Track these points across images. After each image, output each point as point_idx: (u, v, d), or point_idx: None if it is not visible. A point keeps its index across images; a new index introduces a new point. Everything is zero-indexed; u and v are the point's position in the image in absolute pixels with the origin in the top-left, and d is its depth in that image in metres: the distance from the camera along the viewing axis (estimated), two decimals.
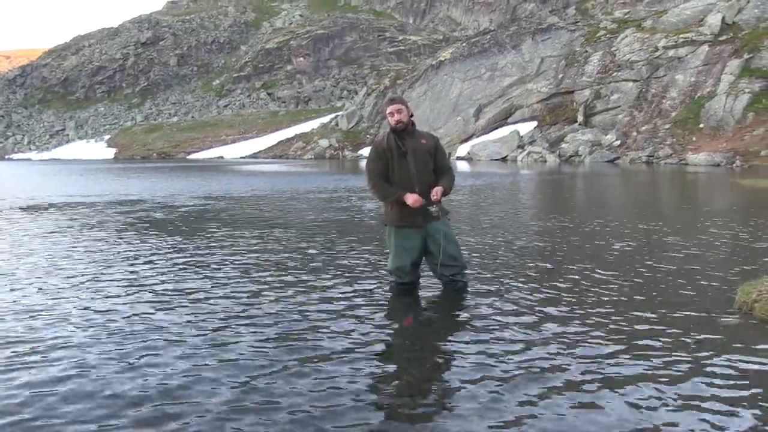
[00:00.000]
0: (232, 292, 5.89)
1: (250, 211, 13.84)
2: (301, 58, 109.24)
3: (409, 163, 5.40)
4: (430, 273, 5.89)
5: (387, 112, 5.50)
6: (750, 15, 44.91)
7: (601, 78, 49.08)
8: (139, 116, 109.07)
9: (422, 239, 5.51)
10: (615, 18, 57.36)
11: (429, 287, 5.89)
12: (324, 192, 18.85)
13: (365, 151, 60.90)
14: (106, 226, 11.25)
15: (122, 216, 12.93)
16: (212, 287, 6.09)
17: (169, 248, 8.56)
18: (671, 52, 45.54)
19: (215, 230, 10.40)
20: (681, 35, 46.35)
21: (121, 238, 9.63)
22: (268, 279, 6.43)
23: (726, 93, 39.79)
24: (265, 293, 5.83)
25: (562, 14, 66.38)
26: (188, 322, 4.93)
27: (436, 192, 5.30)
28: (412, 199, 5.26)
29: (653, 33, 49.08)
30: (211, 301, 5.53)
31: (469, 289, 5.78)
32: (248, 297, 5.70)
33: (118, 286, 6.19)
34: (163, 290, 6.00)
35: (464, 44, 66.77)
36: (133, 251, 8.35)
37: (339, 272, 6.74)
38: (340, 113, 77.95)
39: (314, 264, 7.22)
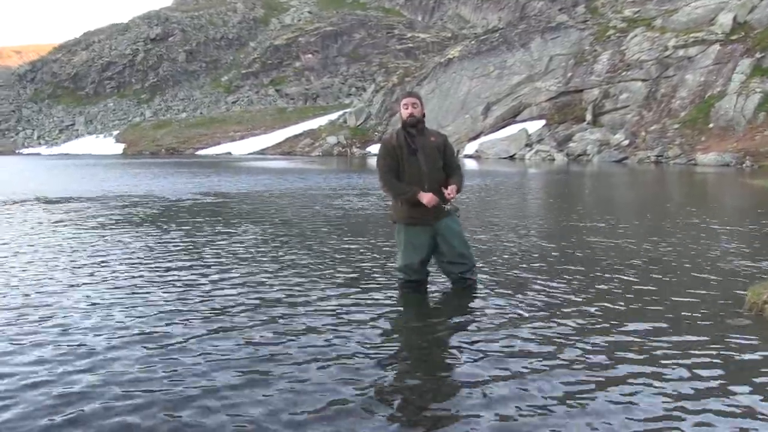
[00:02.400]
0: (237, 284, 5.91)
1: (259, 206, 13.86)
2: (310, 55, 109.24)
3: (420, 160, 5.39)
4: (440, 271, 5.89)
5: (402, 104, 5.49)
6: (762, 14, 44.56)
7: (610, 77, 48.88)
8: (148, 112, 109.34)
9: (431, 237, 5.51)
10: (625, 17, 57.06)
11: (438, 285, 5.90)
12: (331, 189, 18.86)
13: (373, 149, 60.88)
14: (124, 220, 11.31)
15: (138, 210, 12.98)
16: (218, 280, 6.12)
17: (179, 242, 8.59)
18: (681, 52, 45.31)
19: (224, 225, 10.43)
20: (691, 34, 46.11)
21: (134, 233, 9.67)
22: (273, 274, 6.45)
23: (737, 93, 39.55)
24: (269, 288, 5.84)
25: (571, 12, 66.02)
26: (195, 312, 4.95)
27: (452, 190, 5.30)
28: (427, 198, 5.24)
29: (663, 32, 48.83)
30: (216, 293, 5.56)
31: (478, 287, 5.78)
32: (252, 289, 5.72)
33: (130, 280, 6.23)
34: (170, 281, 6.03)
35: (473, 42, 66.58)
36: (143, 245, 8.39)
37: (347, 269, 6.74)
38: (348, 110, 77.95)
39: (322, 260, 7.22)
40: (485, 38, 65.29)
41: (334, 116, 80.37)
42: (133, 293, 5.74)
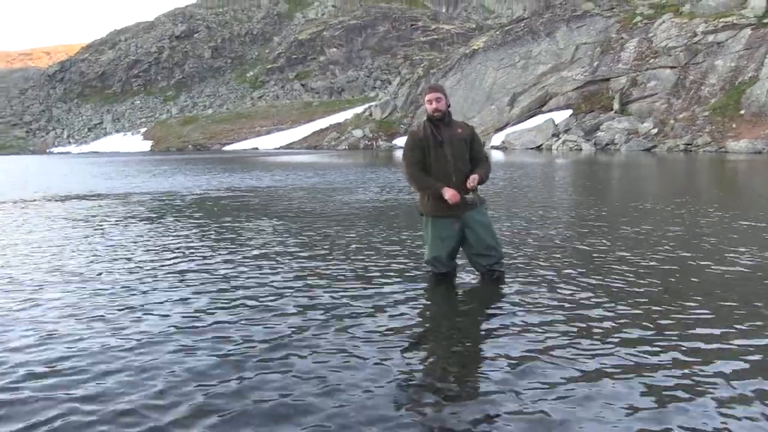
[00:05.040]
0: (266, 275, 5.94)
1: (287, 202, 13.91)
2: (334, 49, 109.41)
3: (446, 152, 5.36)
4: (468, 263, 5.85)
5: (425, 99, 5.46)
6: None
7: (637, 65, 48.26)
8: (175, 109, 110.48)
9: (459, 229, 5.47)
10: (652, 3, 56.28)
11: (466, 277, 5.86)
12: (357, 184, 18.86)
13: (399, 141, 60.88)
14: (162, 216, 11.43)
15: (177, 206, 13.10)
16: (244, 272, 6.14)
17: (205, 236, 8.65)
18: (711, 37, 44.54)
19: (252, 220, 10.48)
20: (721, 19, 45.30)
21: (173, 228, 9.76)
22: (303, 266, 6.46)
23: None
24: (300, 279, 5.85)
25: (597, 0, 65.32)
26: (217, 305, 4.98)
27: (473, 179, 5.25)
28: (449, 194, 5.21)
29: (692, 18, 48.06)
30: (243, 285, 5.58)
31: (506, 279, 5.73)
32: (282, 282, 5.73)
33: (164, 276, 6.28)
34: (196, 274, 6.08)
35: (498, 32, 66.23)
36: (177, 240, 8.47)
37: (375, 261, 6.73)
38: (373, 103, 78.01)
39: (350, 253, 7.22)
40: (510, 28, 64.89)
41: (359, 109, 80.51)
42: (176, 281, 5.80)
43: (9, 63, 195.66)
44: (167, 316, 4.89)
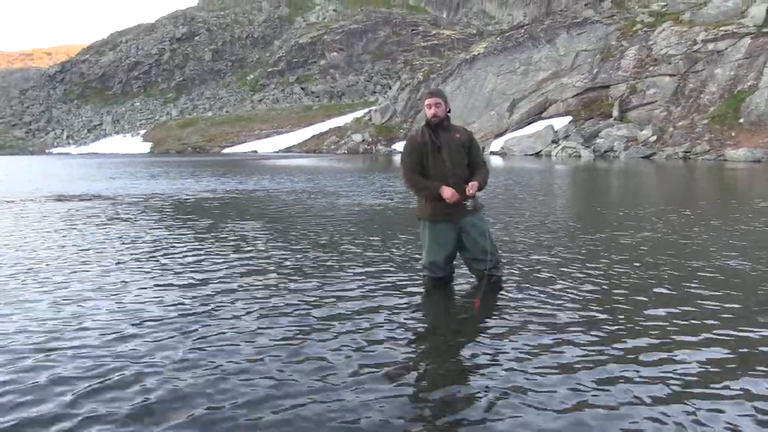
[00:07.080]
0: (265, 283, 5.94)
1: (282, 206, 13.92)
2: (335, 53, 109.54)
3: (444, 157, 5.35)
4: (465, 267, 5.85)
5: (425, 103, 5.46)
6: None
7: (637, 72, 48.34)
8: (174, 111, 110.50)
9: (456, 234, 5.46)
10: (652, 11, 56.40)
11: (463, 282, 5.87)
12: (356, 185, 18.87)
13: (399, 146, 60.92)
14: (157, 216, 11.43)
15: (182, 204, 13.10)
16: (245, 276, 6.15)
17: (208, 239, 8.66)
18: (710, 46, 44.62)
19: (250, 223, 10.49)
20: (721, 27, 45.40)
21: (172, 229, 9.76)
22: (300, 271, 6.46)
23: None
24: (296, 284, 5.86)
25: (597, 8, 65.54)
26: (219, 311, 4.99)
27: (472, 186, 5.24)
28: (448, 193, 5.21)
29: (692, 26, 48.17)
30: (246, 291, 5.59)
31: (503, 283, 5.74)
32: (277, 288, 5.74)
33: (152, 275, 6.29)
34: (196, 278, 6.08)
35: (498, 38, 66.33)
36: (177, 242, 8.47)
37: (371, 266, 6.73)
38: (373, 108, 78.08)
39: (346, 257, 7.23)
40: (510, 34, 64.98)
41: (359, 114, 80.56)
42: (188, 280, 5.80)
43: (9, 63, 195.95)
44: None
